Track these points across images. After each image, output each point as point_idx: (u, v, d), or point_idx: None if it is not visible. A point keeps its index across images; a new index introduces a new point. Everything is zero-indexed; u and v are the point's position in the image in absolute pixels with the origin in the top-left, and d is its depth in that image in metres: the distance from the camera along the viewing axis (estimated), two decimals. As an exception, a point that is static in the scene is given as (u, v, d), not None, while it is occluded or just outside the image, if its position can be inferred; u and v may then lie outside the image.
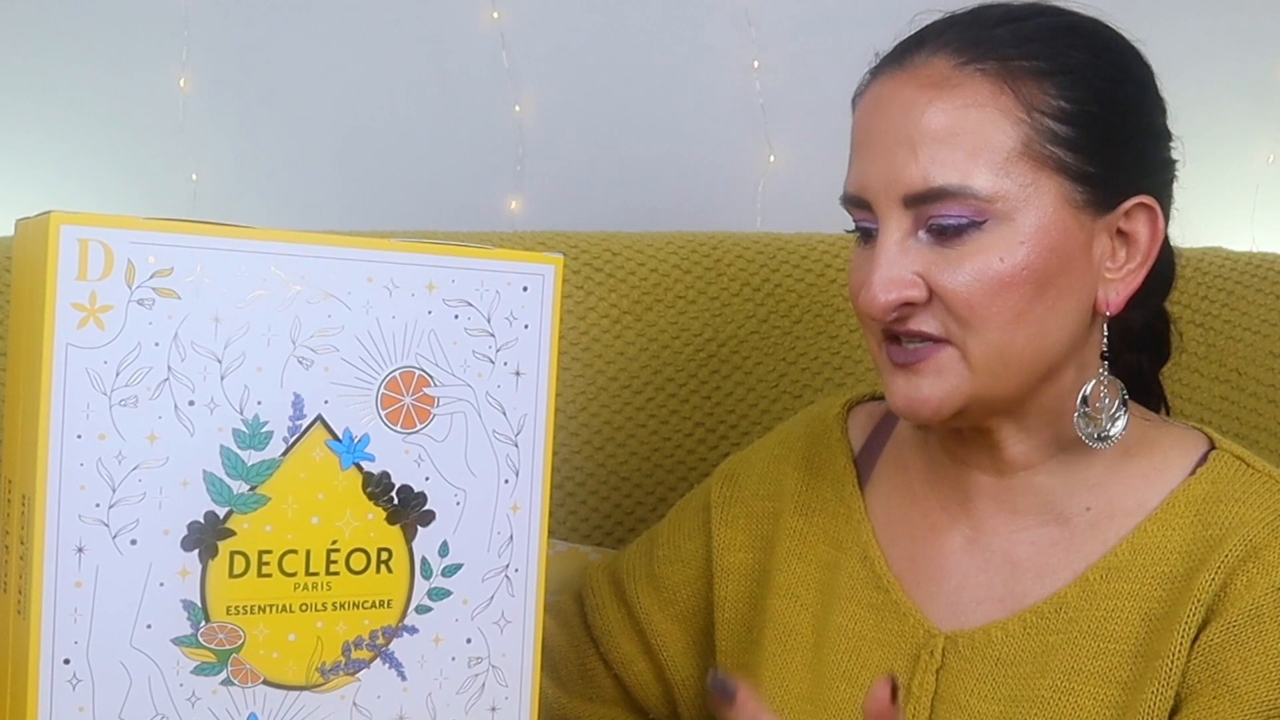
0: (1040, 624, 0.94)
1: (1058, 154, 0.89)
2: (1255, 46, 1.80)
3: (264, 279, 0.81)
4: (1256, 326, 1.40)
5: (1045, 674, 0.92)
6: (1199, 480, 0.94)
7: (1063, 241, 0.90)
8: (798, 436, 1.10)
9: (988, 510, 0.99)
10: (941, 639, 0.96)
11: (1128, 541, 0.94)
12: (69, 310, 0.76)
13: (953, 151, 0.89)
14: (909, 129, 0.90)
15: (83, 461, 0.77)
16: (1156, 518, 0.94)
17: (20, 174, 1.79)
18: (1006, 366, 0.91)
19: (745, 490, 1.09)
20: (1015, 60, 0.90)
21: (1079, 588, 0.94)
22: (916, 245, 0.90)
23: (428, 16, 1.79)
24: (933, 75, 0.91)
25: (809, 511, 1.05)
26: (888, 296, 0.90)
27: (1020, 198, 0.89)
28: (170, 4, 1.76)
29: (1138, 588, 0.92)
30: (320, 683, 0.84)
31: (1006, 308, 0.89)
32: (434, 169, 1.81)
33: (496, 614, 0.88)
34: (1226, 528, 0.91)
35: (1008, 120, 0.89)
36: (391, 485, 0.85)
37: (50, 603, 0.77)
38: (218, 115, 1.79)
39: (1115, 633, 0.92)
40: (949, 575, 0.98)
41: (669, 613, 1.11)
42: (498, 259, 0.87)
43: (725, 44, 1.79)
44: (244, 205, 1.80)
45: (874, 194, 0.91)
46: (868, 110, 0.94)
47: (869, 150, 0.93)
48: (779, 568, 1.04)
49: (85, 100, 1.78)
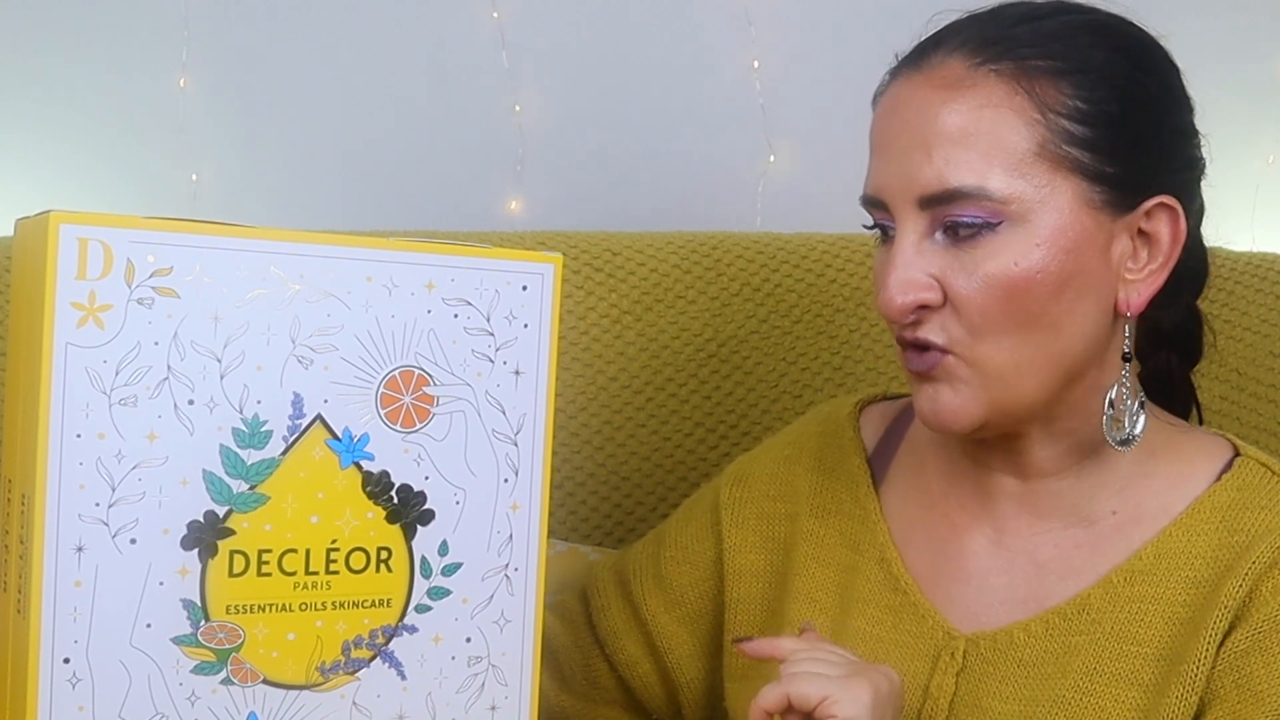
0: (1063, 625, 0.93)
1: (1074, 154, 0.89)
2: (1255, 47, 1.80)
3: (263, 278, 0.81)
4: (1256, 326, 1.40)
5: (1066, 675, 0.92)
6: (1225, 486, 0.94)
7: (1080, 243, 0.89)
8: (809, 437, 1.10)
9: (1011, 512, 0.98)
10: (963, 641, 0.95)
11: (1152, 545, 0.93)
12: (68, 309, 0.76)
13: (967, 152, 0.88)
14: (924, 130, 0.89)
15: (82, 461, 0.77)
16: (1182, 523, 0.93)
17: (20, 173, 1.79)
18: (1018, 371, 0.90)
19: (755, 491, 1.09)
20: (1031, 60, 0.90)
21: (1103, 589, 0.93)
22: (933, 247, 0.90)
23: (428, 16, 1.79)
24: (947, 76, 0.90)
25: (824, 514, 1.05)
26: (904, 299, 0.89)
27: (1036, 199, 0.88)
28: (170, 5, 1.76)
29: (1162, 591, 0.92)
30: (320, 682, 0.84)
31: (1019, 311, 0.89)
32: (434, 169, 1.81)
33: (496, 613, 0.88)
34: (1254, 535, 0.91)
35: (1022, 121, 0.89)
36: (391, 484, 0.85)
37: (50, 602, 0.77)
38: (217, 115, 1.79)
39: (1139, 635, 0.91)
40: (970, 576, 0.98)
41: (676, 614, 1.11)
42: (497, 258, 0.87)
43: (725, 44, 1.79)
44: (244, 205, 1.80)
45: (890, 195, 0.91)
46: (885, 111, 0.94)
47: (886, 152, 0.92)
48: (798, 572, 1.04)
49: (85, 100, 1.78)
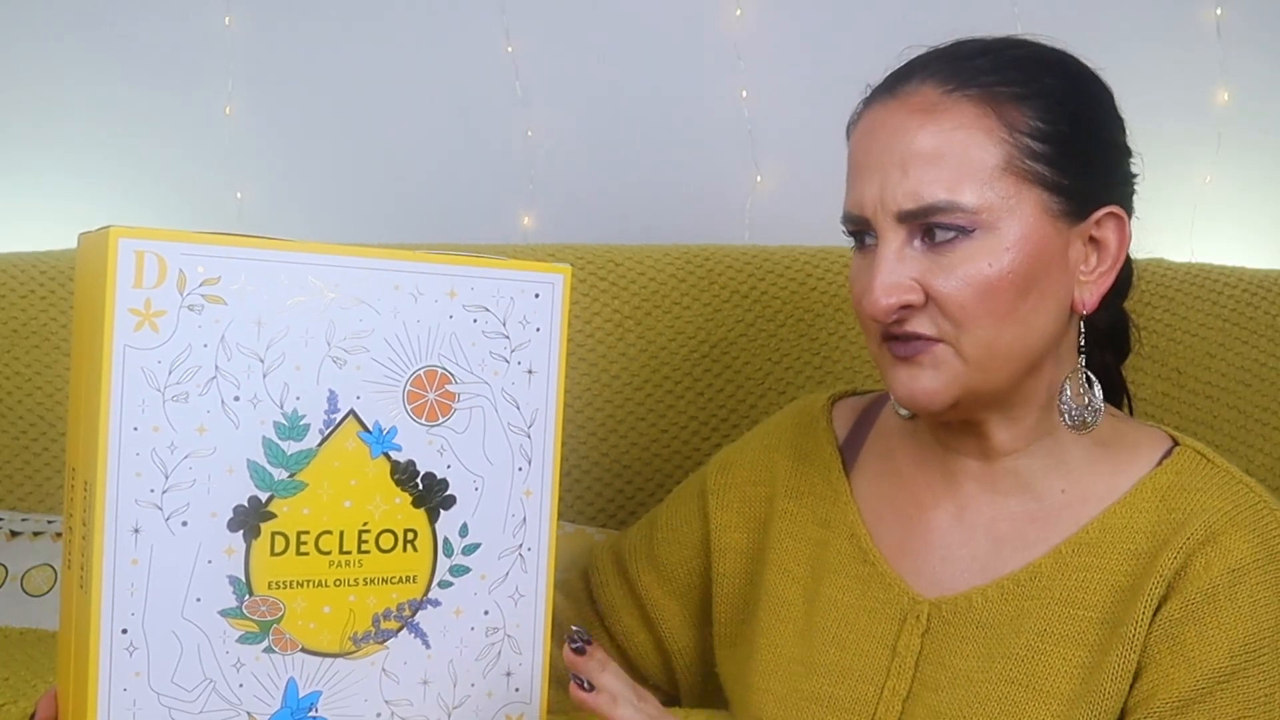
0: (1016, 590, 0.94)
1: (1036, 169, 0.89)
2: (1196, 76, 1.80)
3: (302, 287, 0.80)
4: (1195, 330, 1.41)
5: (1020, 634, 0.92)
6: (1165, 471, 0.95)
7: (1043, 247, 0.90)
8: (787, 428, 1.10)
9: (972, 490, 0.99)
10: (927, 605, 0.96)
11: (1098, 521, 0.94)
12: (126, 315, 0.76)
13: (940, 170, 0.89)
14: (901, 151, 0.90)
15: (139, 451, 0.77)
16: (1126, 502, 0.94)
17: (83, 191, 1.80)
18: (995, 360, 0.91)
19: (739, 477, 1.09)
20: (996, 86, 0.90)
21: (1053, 559, 0.94)
22: (912, 254, 0.90)
23: (450, 51, 1.79)
24: (922, 102, 0.91)
25: (799, 495, 1.05)
26: (888, 300, 0.89)
27: (1004, 209, 0.89)
28: (217, 39, 1.76)
29: (1106, 561, 0.92)
30: (352, 650, 0.84)
31: (995, 308, 0.89)
32: (455, 188, 1.81)
33: (511, 588, 0.88)
34: (1188, 513, 0.91)
35: (991, 140, 0.89)
36: (417, 472, 0.85)
37: (109, 578, 0.76)
38: (260, 139, 1.79)
39: (1084, 600, 0.92)
40: (934, 549, 0.98)
41: (667, 589, 1.11)
42: (512, 269, 0.87)
43: (716, 76, 1.79)
44: (284, 220, 1.80)
45: (871, 210, 0.91)
46: (863, 135, 0.94)
47: (865, 171, 0.92)
48: (773, 546, 1.04)
49: (141, 126, 1.79)
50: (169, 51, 1.78)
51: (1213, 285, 1.42)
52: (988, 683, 0.92)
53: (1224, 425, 1.36)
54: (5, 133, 1.79)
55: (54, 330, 1.52)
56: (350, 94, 1.79)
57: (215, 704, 0.80)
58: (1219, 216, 1.82)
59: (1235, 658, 0.88)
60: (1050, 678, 0.91)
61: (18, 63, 1.78)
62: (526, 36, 1.78)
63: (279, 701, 0.82)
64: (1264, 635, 0.88)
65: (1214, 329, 1.39)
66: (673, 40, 1.79)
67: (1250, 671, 0.88)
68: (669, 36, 1.79)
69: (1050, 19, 1.66)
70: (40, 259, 1.56)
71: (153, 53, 1.78)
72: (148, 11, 1.77)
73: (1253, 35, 1.80)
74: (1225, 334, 1.39)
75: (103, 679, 0.77)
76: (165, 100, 1.78)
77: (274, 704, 0.82)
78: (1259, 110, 1.81)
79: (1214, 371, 1.38)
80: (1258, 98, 1.80)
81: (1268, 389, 1.36)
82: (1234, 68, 1.80)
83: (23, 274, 1.54)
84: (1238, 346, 1.38)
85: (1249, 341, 1.38)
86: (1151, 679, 0.89)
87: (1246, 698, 0.88)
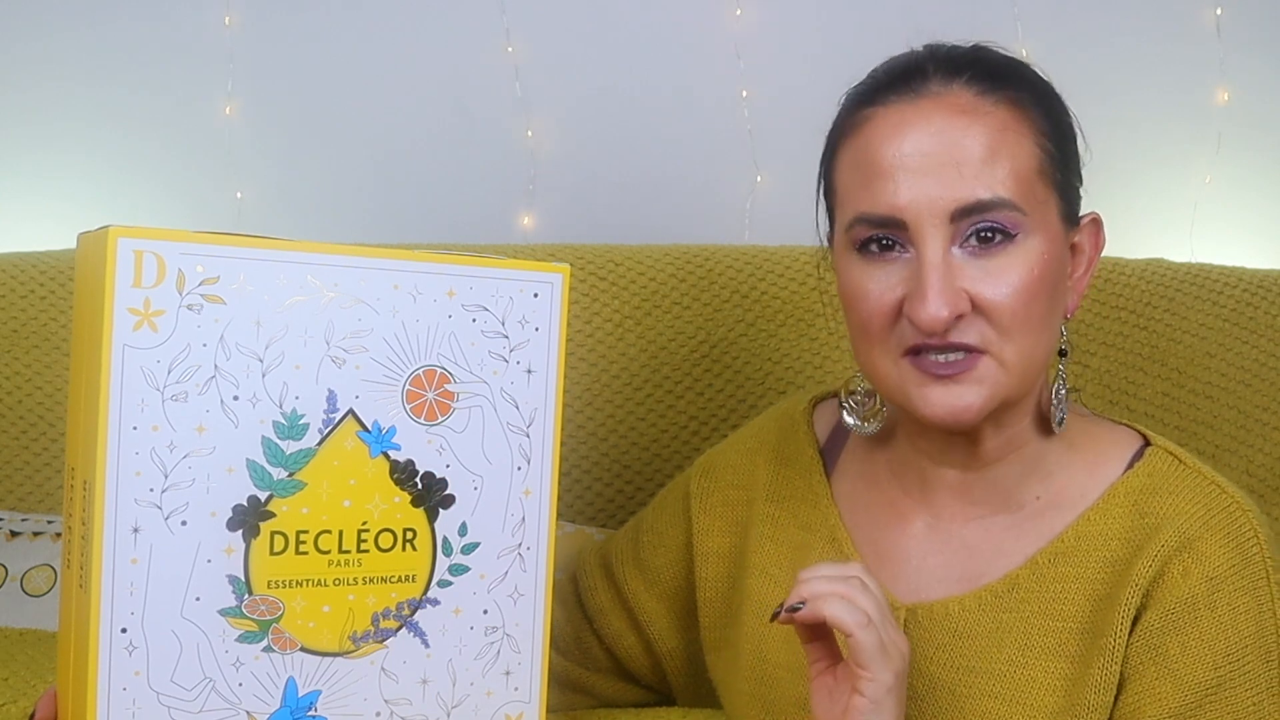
0: (995, 602, 0.93)
1: (1056, 175, 0.89)
2: (1196, 76, 1.80)
3: (301, 286, 0.81)
4: (1195, 330, 1.41)
5: (1001, 648, 0.92)
6: (1136, 473, 0.93)
7: (1060, 252, 0.90)
8: (769, 431, 1.09)
9: (946, 500, 0.97)
10: (904, 610, 0.95)
11: (1073, 529, 0.93)
12: (125, 314, 0.76)
13: (996, 169, 0.86)
14: (951, 150, 0.87)
15: (138, 450, 0.77)
16: (1098, 507, 0.93)
17: (83, 192, 1.80)
18: (1031, 369, 0.89)
19: (721, 481, 1.08)
20: (1019, 91, 0.89)
21: (1029, 570, 0.93)
22: (956, 261, 0.87)
23: (450, 52, 1.79)
24: (959, 103, 0.88)
25: (780, 499, 1.05)
26: (948, 310, 0.85)
27: (1040, 213, 0.88)
28: (217, 40, 1.76)
29: (1083, 571, 0.92)
30: (352, 649, 0.84)
31: (1036, 314, 0.88)
32: (454, 188, 1.81)
33: (510, 588, 0.88)
34: (1162, 518, 0.90)
35: (1030, 143, 0.88)
36: (416, 472, 0.85)
37: (109, 578, 0.77)
38: (259, 140, 1.79)
39: (1063, 611, 0.91)
40: (909, 557, 0.98)
41: (654, 592, 1.10)
42: (511, 268, 0.87)
43: (716, 77, 1.79)
44: (283, 220, 1.80)
45: (914, 214, 0.86)
46: (886, 136, 0.88)
47: (899, 172, 0.87)
48: (754, 549, 1.04)
49: (141, 127, 1.79)
50: (169, 51, 1.78)
51: (1213, 285, 1.42)
52: (971, 698, 0.91)
53: (1224, 425, 1.36)
54: (5, 133, 1.79)
55: (54, 330, 1.52)
56: (350, 94, 1.79)
57: (215, 703, 0.80)
58: (1219, 216, 1.82)
59: (1220, 669, 0.87)
60: (1034, 692, 0.90)
61: (18, 63, 1.78)
62: (526, 36, 1.78)
63: (278, 700, 0.82)
64: (1246, 643, 0.88)
65: (1214, 329, 1.39)
66: (673, 40, 1.79)
67: (1237, 681, 0.87)
68: (669, 37, 1.79)
69: (1050, 19, 1.66)
70: (40, 259, 1.57)
71: (152, 53, 1.78)
72: (147, 11, 1.78)
73: (1253, 35, 1.80)
74: (1225, 334, 1.39)
75: (102, 678, 0.77)
76: (165, 100, 1.78)
77: (273, 703, 0.82)
78: (1259, 110, 1.81)
79: (1214, 371, 1.38)
80: (1258, 98, 1.80)
81: (1268, 389, 1.36)
82: (1234, 68, 1.80)
83: (23, 274, 1.54)
84: (1238, 346, 1.38)
85: (1249, 341, 1.38)
86: (1136, 693, 0.88)
87: (1235, 708, 0.87)
